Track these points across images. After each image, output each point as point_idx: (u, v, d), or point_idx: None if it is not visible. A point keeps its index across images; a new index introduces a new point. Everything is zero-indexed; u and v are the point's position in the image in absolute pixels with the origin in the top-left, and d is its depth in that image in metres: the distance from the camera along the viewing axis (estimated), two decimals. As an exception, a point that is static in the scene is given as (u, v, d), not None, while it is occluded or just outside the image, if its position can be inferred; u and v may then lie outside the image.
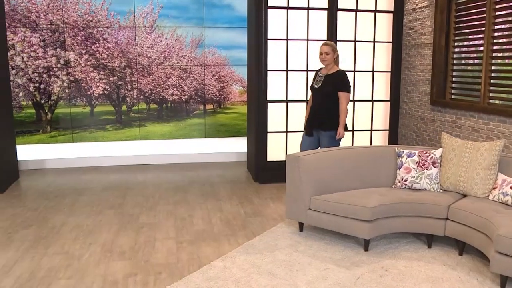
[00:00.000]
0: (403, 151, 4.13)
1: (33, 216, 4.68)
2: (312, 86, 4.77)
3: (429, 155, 4.02)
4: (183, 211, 4.82)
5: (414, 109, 6.13)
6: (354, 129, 5.97)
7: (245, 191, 5.58)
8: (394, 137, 6.10)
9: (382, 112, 6.05)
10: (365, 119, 6.00)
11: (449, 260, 3.56)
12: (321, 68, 4.79)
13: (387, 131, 6.08)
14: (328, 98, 4.58)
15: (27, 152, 6.85)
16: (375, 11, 5.78)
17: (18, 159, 6.50)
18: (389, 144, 6.08)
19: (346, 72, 4.70)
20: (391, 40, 5.90)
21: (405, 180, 4.04)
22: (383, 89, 6.01)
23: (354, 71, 5.86)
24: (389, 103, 6.02)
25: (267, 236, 4.03)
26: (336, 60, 4.67)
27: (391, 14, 5.84)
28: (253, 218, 4.59)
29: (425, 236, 3.88)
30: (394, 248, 3.76)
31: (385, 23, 5.85)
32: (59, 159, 6.80)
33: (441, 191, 3.99)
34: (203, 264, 3.53)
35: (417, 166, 4.02)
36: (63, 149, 7.01)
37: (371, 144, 6.04)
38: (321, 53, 4.59)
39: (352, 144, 5.98)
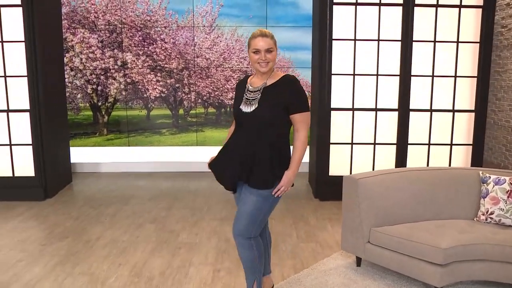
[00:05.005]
0: (490, 177, 3.35)
1: (72, 227, 4.43)
2: (237, 109, 2.65)
3: (524, 183, 3.22)
4: (229, 230, 4.34)
5: (504, 119, 5.25)
6: (431, 143, 5.17)
7: (302, 208, 5.00)
8: (479, 153, 5.22)
9: (465, 124, 5.20)
10: (444, 131, 5.18)
11: (549, 322, 2.77)
12: (247, 76, 2.79)
13: (471, 146, 5.21)
14: (269, 129, 2.58)
15: (83, 155, 6.74)
16: (460, 6, 4.95)
17: (74, 161, 6.40)
18: (472, 161, 5.21)
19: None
20: (478, 40, 5.04)
21: (491, 213, 3.26)
22: (466, 97, 5.16)
23: (433, 76, 5.06)
24: (473, 113, 5.16)
25: (317, 270, 3.43)
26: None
27: (480, 10, 4.98)
28: (306, 244, 4.01)
29: (516, 285, 3.10)
30: (474, 298, 3.03)
31: (472, 21, 5.01)
32: (113, 163, 6.62)
33: (539, 229, 3.18)
34: (236, 302, 3.02)
35: (508, 197, 3.23)
36: (118, 153, 6.83)
37: (450, 160, 5.21)
38: (257, 51, 2.54)
39: (428, 161, 5.19)
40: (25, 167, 5.21)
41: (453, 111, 5.15)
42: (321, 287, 3.16)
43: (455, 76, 5.09)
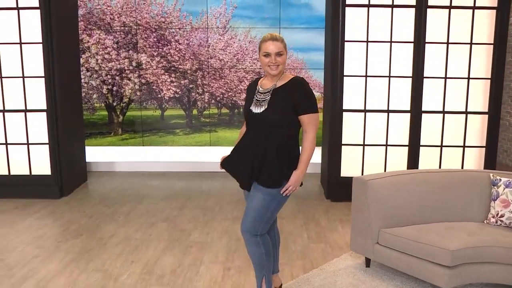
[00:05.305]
0: (500, 179, 3.34)
1: (86, 224, 4.52)
2: (247, 110, 2.73)
3: (535, 186, 3.21)
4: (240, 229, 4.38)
5: (519, 122, 5.19)
6: (443, 144, 5.16)
7: (313, 209, 5.03)
8: (492, 156, 5.19)
9: (478, 126, 5.17)
10: (457, 133, 5.16)
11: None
12: (258, 78, 2.88)
13: (483, 148, 5.18)
14: (279, 130, 2.64)
15: (99, 154, 6.86)
16: (474, 7, 4.93)
17: (90, 160, 6.51)
18: (486, 163, 5.18)
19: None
20: (492, 42, 5.00)
21: (501, 216, 3.26)
22: (480, 99, 5.13)
23: (445, 77, 5.05)
24: (487, 115, 5.13)
25: (326, 270, 3.46)
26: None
27: (494, 11, 4.95)
28: (316, 244, 4.04)
29: (526, 288, 3.09)
30: (483, 300, 3.02)
31: (486, 22, 4.98)
32: (128, 163, 6.71)
33: (549, 232, 3.16)
34: (245, 300, 3.07)
35: (519, 199, 3.22)
36: (133, 153, 6.93)
37: (463, 163, 5.19)
38: (267, 55, 2.61)
39: (440, 163, 5.17)
40: (42, 165, 5.33)
41: (466, 113, 5.12)
42: (330, 287, 3.19)
43: (468, 78, 5.06)
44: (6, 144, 5.30)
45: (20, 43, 5.12)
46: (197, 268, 3.55)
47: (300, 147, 2.69)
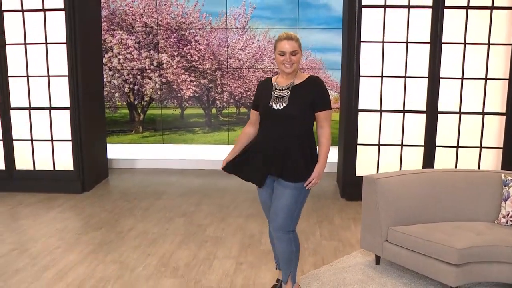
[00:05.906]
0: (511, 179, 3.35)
1: (106, 218, 4.68)
2: (266, 107, 2.79)
3: (547, 187, 3.21)
4: (254, 227, 4.48)
5: (539, 123, 5.13)
6: (459, 145, 5.15)
7: (327, 208, 5.09)
8: (509, 156, 5.14)
9: (496, 127, 5.14)
10: (474, 134, 5.14)
11: None
12: (269, 78, 2.95)
13: (501, 149, 5.15)
14: (299, 125, 2.75)
15: (120, 151, 7.04)
16: (492, 7, 4.91)
17: (111, 157, 6.70)
18: (503, 165, 5.15)
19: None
20: (511, 42, 4.97)
21: (512, 216, 3.27)
22: (497, 100, 5.10)
23: (462, 78, 5.04)
24: (504, 116, 5.09)
25: (336, 266, 3.52)
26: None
27: (513, 12, 4.92)
28: (328, 241, 4.10)
29: (535, 288, 3.10)
30: (491, 299, 3.04)
31: (504, 22, 4.95)
32: (148, 160, 6.87)
33: (560, 233, 3.15)
34: (255, 293, 3.16)
35: (530, 200, 3.22)
36: (153, 150, 7.09)
37: (479, 163, 5.17)
38: (283, 53, 2.70)
39: (456, 163, 5.17)
40: (65, 161, 5.52)
41: (483, 113, 5.10)
42: (338, 283, 3.25)
43: (486, 79, 5.04)
44: (32, 140, 5.51)
45: (46, 43, 5.32)
46: (211, 262, 3.65)
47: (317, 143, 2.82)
